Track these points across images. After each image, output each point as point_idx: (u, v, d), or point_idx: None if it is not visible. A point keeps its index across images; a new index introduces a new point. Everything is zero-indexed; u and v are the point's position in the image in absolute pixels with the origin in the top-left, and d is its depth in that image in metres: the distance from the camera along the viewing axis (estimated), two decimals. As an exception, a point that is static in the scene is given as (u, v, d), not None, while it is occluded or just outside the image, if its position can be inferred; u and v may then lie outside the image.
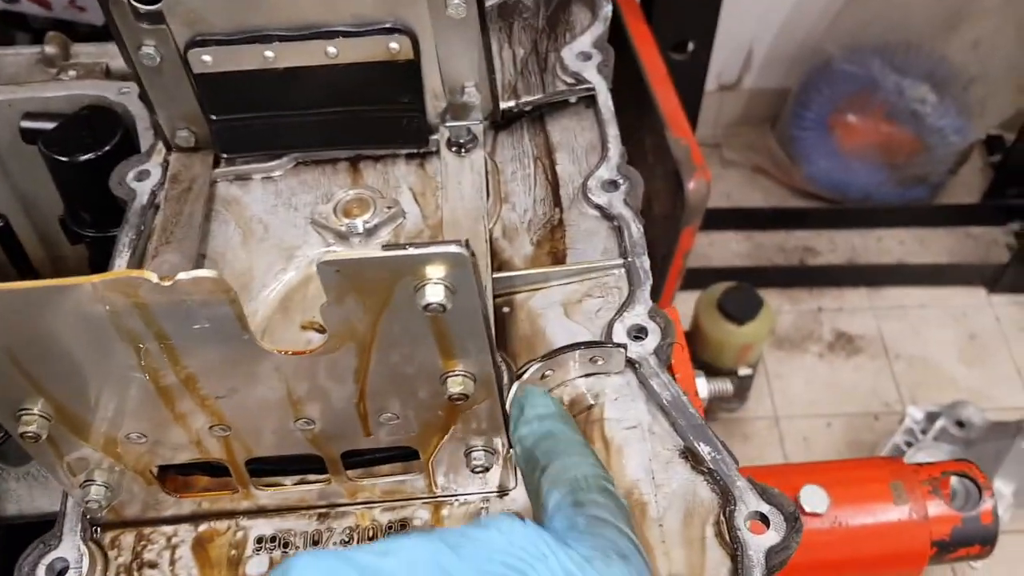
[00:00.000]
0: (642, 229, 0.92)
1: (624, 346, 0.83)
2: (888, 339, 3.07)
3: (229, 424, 0.70)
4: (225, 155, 1.02)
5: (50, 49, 1.42)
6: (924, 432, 2.66)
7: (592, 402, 0.84)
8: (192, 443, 0.72)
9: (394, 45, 0.92)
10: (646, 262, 0.90)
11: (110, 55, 1.44)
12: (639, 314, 0.86)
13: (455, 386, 0.66)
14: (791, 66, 3.25)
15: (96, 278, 0.57)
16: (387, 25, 0.91)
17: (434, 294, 0.58)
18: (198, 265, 0.95)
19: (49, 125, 1.15)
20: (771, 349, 3.05)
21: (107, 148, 1.11)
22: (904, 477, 1.29)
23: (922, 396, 2.95)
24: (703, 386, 1.23)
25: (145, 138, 1.12)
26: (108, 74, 1.24)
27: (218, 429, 0.71)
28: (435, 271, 0.58)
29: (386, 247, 0.57)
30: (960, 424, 2.63)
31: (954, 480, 1.31)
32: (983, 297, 3.14)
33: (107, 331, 0.61)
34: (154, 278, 0.57)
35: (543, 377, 0.83)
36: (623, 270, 0.91)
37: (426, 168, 1.03)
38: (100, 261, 1.22)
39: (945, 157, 3.12)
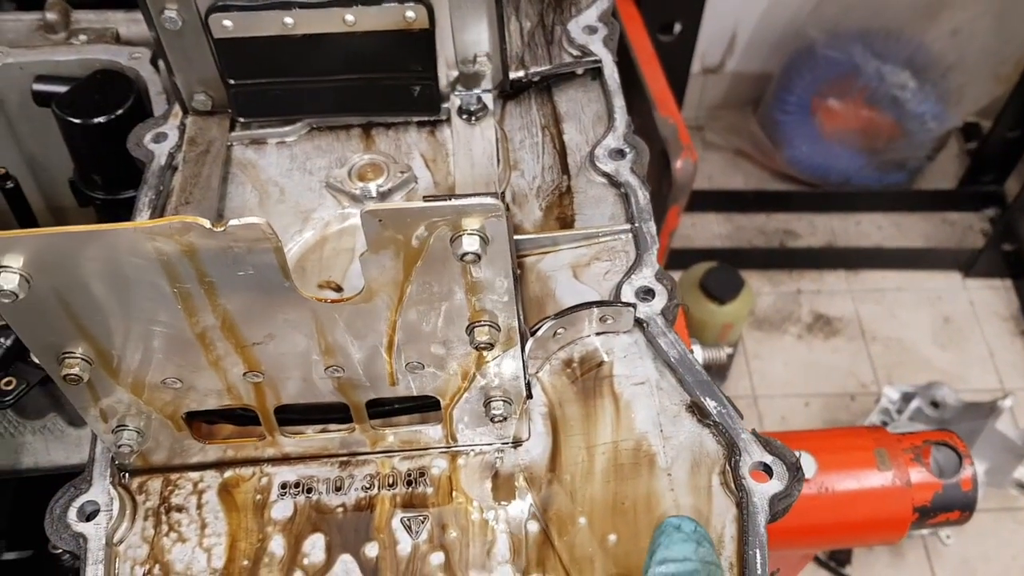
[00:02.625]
0: (648, 196, 0.96)
1: (633, 306, 0.86)
2: (865, 321, 3.13)
3: (263, 371, 0.73)
4: (241, 119, 1.04)
5: (51, 15, 1.43)
6: (899, 412, 2.72)
7: (603, 359, 0.87)
8: (225, 389, 0.75)
9: (410, 14, 0.95)
10: (652, 227, 0.94)
11: (111, 22, 1.46)
12: (646, 276, 0.90)
13: (481, 335, 0.70)
14: (774, 50, 3.30)
15: (149, 223, 0.60)
16: (404, -6, 0.94)
17: (470, 244, 0.62)
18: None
19: (61, 88, 1.17)
20: (750, 330, 3.10)
21: (120, 111, 1.13)
22: (888, 445, 1.34)
23: (897, 377, 3.02)
24: (698, 353, 1.27)
25: (157, 103, 1.14)
26: (118, 40, 1.25)
27: (252, 376, 0.74)
28: (471, 222, 0.62)
29: (427, 198, 0.60)
30: (935, 404, 2.69)
31: (935, 449, 1.36)
32: (958, 281, 3.20)
33: (154, 275, 0.64)
34: (207, 223, 0.60)
35: (555, 335, 0.87)
36: (630, 235, 0.94)
37: (436, 135, 1.06)
38: (107, 222, 1.24)
39: (923, 143, 3.18)
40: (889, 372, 3.04)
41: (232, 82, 1.01)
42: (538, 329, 0.85)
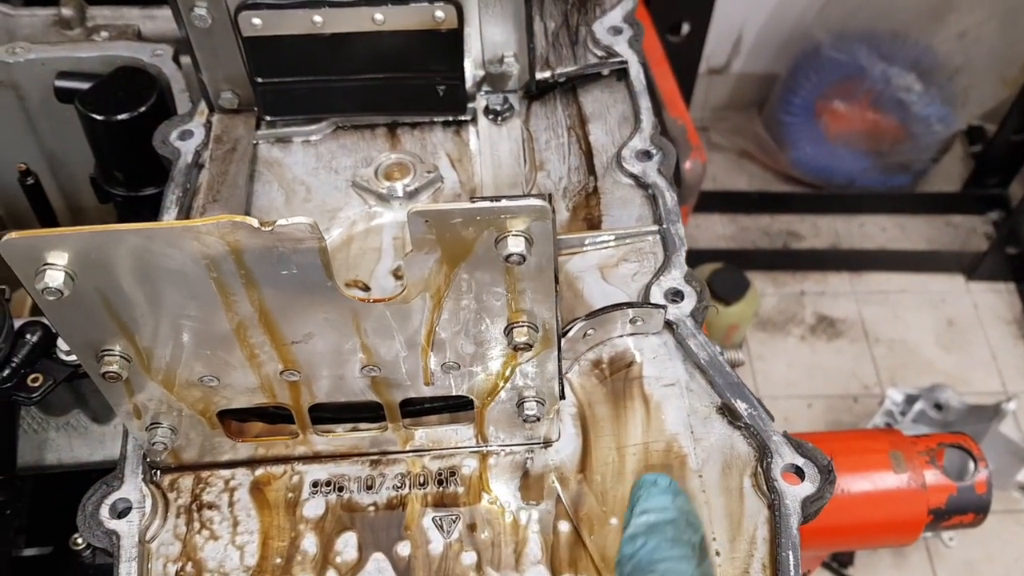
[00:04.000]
0: (676, 198, 0.96)
1: (664, 307, 0.87)
2: (868, 323, 3.14)
3: (300, 369, 0.73)
4: (268, 118, 1.05)
5: (66, 11, 1.43)
6: (903, 414, 2.73)
7: (632, 359, 0.88)
8: (261, 387, 0.75)
9: (439, 14, 0.95)
10: (681, 229, 0.94)
11: (126, 18, 1.46)
12: (675, 278, 0.90)
13: (520, 336, 0.70)
14: (779, 51, 3.30)
15: (198, 221, 0.60)
16: (434, -6, 0.94)
17: (515, 245, 0.62)
18: (243, 223, 0.98)
19: (83, 85, 1.17)
20: (754, 331, 3.11)
21: (143, 108, 1.13)
22: (903, 448, 1.34)
23: (900, 379, 3.02)
24: (717, 354, 1.27)
25: (180, 100, 1.14)
26: (140, 36, 1.25)
27: (288, 374, 0.74)
28: (517, 224, 0.62)
29: (474, 199, 0.60)
30: (938, 407, 2.70)
31: (949, 451, 1.36)
32: (961, 284, 3.21)
33: (199, 274, 0.64)
34: (255, 223, 0.60)
35: (585, 335, 0.87)
36: (658, 236, 0.95)
37: (462, 135, 1.06)
38: (128, 219, 1.24)
39: (929, 145, 3.18)
40: (892, 374, 3.04)
41: (260, 80, 1.01)
42: (569, 330, 0.85)
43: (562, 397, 0.79)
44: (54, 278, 0.61)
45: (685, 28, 2.57)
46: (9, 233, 0.60)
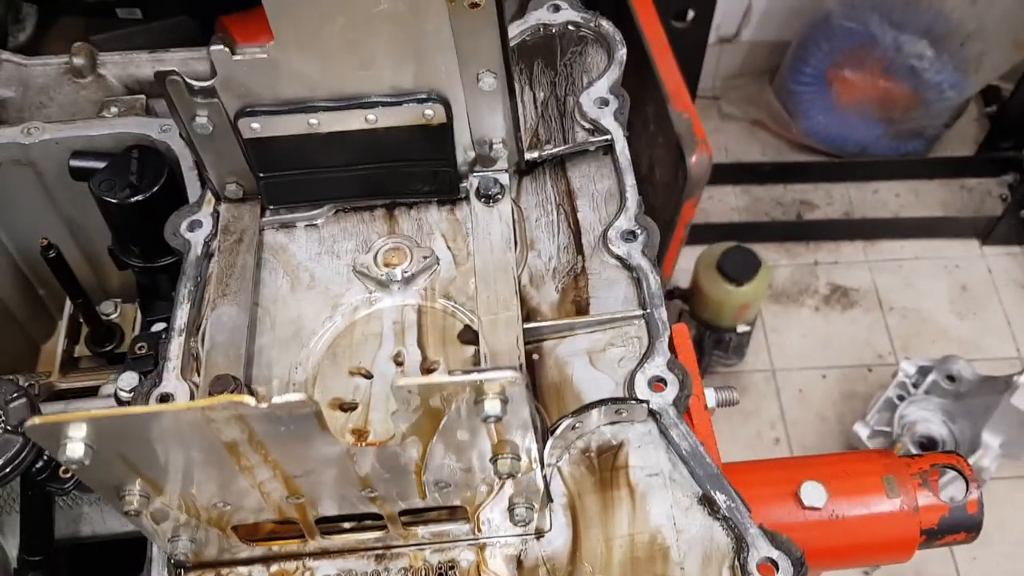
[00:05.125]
0: (659, 280, 1.01)
1: (646, 401, 0.92)
2: (882, 291, 3.17)
3: (304, 495, 0.80)
4: (271, 207, 1.10)
5: (78, 60, 1.49)
6: (916, 386, 2.77)
7: (619, 447, 0.93)
8: (269, 507, 0.82)
9: (429, 112, 0.99)
10: (663, 313, 0.99)
11: (135, 64, 1.51)
12: (659, 365, 0.96)
13: (503, 467, 0.76)
14: (789, 18, 3.28)
15: (202, 403, 0.66)
16: (423, 96, 0.98)
17: (492, 408, 0.67)
18: (252, 314, 1.04)
19: (97, 164, 1.22)
20: (768, 303, 3.14)
21: (154, 190, 1.18)
22: (896, 471, 1.40)
23: (914, 347, 3.06)
24: (711, 396, 1.32)
25: (189, 178, 1.19)
26: (148, 111, 1.30)
27: (293, 499, 0.80)
28: (493, 387, 0.67)
29: (452, 372, 0.66)
30: (951, 378, 2.74)
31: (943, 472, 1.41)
32: (976, 249, 3.22)
33: (207, 435, 0.70)
34: (252, 402, 0.66)
35: (573, 428, 0.93)
36: (643, 321, 1.00)
37: (456, 214, 1.11)
38: (147, 284, 1.31)
39: (941, 111, 3.17)
40: (906, 343, 3.08)
41: (261, 175, 1.06)
42: (556, 428, 0.91)
43: (549, 500, 0.85)
44: (75, 451, 0.68)
45: (690, 14, 2.56)
46: (32, 418, 0.66)
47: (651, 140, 2.32)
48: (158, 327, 1.16)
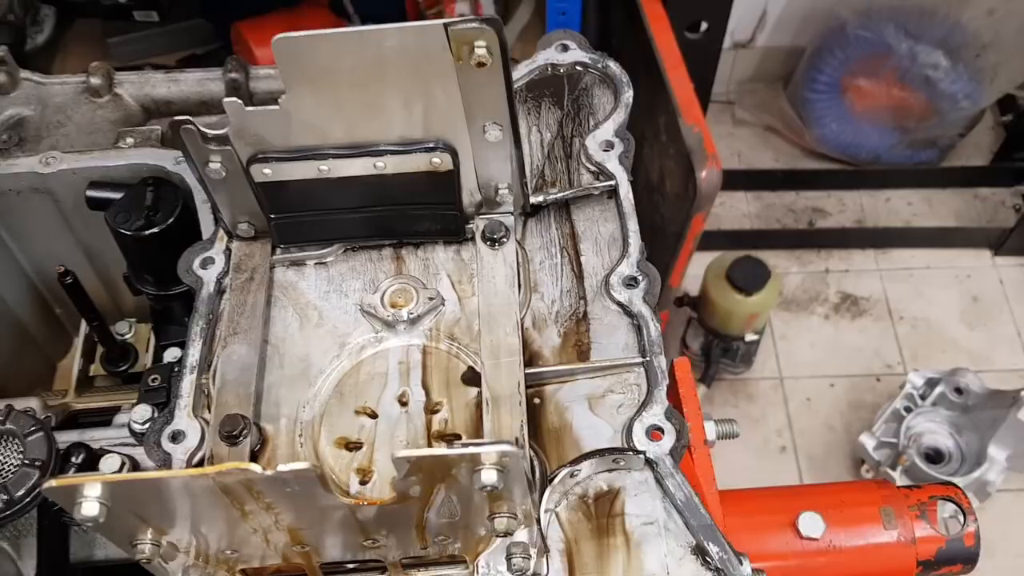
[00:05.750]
0: (659, 327, 1.03)
1: (642, 453, 0.95)
2: (893, 301, 3.18)
3: (308, 544, 0.83)
4: (282, 246, 1.13)
5: (95, 80, 1.52)
6: (923, 398, 2.79)
7: (616, 494, 0.96)
8: (275, 554, 0.85)
9: (436, 160, 1.02)
10: (663, 361, 1.01)
11: (151, 83, 1.54)
12: (656, 414, 0.98)
13: (501, 526, 0.79)
14: (804, 25, 3.28)
15: (211, 470, 0.69)
16: (431, 144, 1.01)
17: (488, 477, 0.70)
18: (262, 352, 1.07)
19: (113, 194, 1.25)
20: (778, 311, 3.16)
21: (169, 222, 1.21)
22: (894, 503, 1.42)
23: (923, 358, 3.07)
24: (711, 429, 1.34)
25: (203, 211, 1.22)
26: (163, 141, 1.33)
27: (298, 548, 0.83)
28: (491, 458, 0.70)
29: (451, 445, 0.68)
30: (959, 391, 2.75)
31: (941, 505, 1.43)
32: (988, 259, 3.23)
33: (216, 495, 0.73)
34: (258, 469, 0.69)
35: (571, 476, 0.96)
36: (642, 369, 1.02)
37: (462, 254, 1.13)
38: (160, 310, 1.34)
39: (956, 121, 3.17)
40: (915, 353, 3.09)
41: (272, 216, 1.08)
42: (554, 477, 0.94)
43: (546, 550, 0.88)
44: (90, 509, 0.71)
45: (703, 25, 2.57)
46: (50, 480, 0.69)
47: (663, 150, 2.33)
48: (171, 352, 1.19)
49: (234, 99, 0.96)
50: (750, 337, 2.88)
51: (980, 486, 2.68)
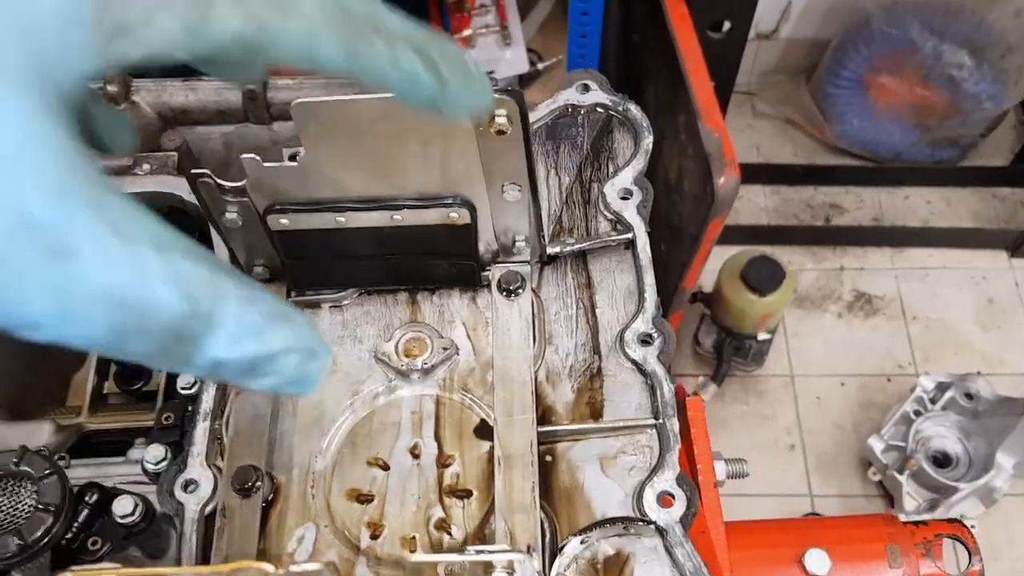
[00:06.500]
0: (673, 389, 1.03)
1: (652, 523, 0.95)
2: (907, 300, 3.17)
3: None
4: (296, 290, 1.13)
5: (112, 88, 1.51)
6: (933, 401, 2.79)
7: (625, 561, 0.97)
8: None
9: (454, 215, 1.01)
10: (675, 424, 1.01)
11: (168, 92, 1.53)
12: (668, 479, 0.98)
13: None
14: (829, 17, 3.24)
15: (225, 568, 0.69)
16: (449, 200, 1.00)
17: (500, 579, 0.71)
18: (275, 400, 1.07)
19: (129, 222, 1.24)
20: (791, 308, 3.15)
21: (185, 255, 1.21)
22: (900, 540, 1.43)
23: (936, 359, 3.07)
24: (720, 468, 1.35)
25: (218, 241, 1.21)
26: (180, 169, 1.32)
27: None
28: (502, 563, 0.70)
29: (466, 552, 0.69)
30: (969, 396, 2.75)
31: (946, 543, 1.44)
32: (1004, 261, 3.21)
33: (225, 586, 0.74)
34: (271, 568, 0.69)
35: (583, 542, 0.96)
36: (655, 431, 1.02)
37: (478, 302, 1.13)
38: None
39: (978, 122, 3.14)
40: (927, 354, 3.09)
41: (287, 261, 1.08)
42: (564, 546, 0.94)
43: (556, 620, 0.89)
44: (103, 599, 0.72)
45: (726, 25, 2.54)
46: (70, 568, 0.70)
47: (682, 149, 2.32)
48: (184, 378, 1.19)
49: (252, 156, 0.95)
50: (763, 336, 2.88)
51: (987, 492, 2.68)
